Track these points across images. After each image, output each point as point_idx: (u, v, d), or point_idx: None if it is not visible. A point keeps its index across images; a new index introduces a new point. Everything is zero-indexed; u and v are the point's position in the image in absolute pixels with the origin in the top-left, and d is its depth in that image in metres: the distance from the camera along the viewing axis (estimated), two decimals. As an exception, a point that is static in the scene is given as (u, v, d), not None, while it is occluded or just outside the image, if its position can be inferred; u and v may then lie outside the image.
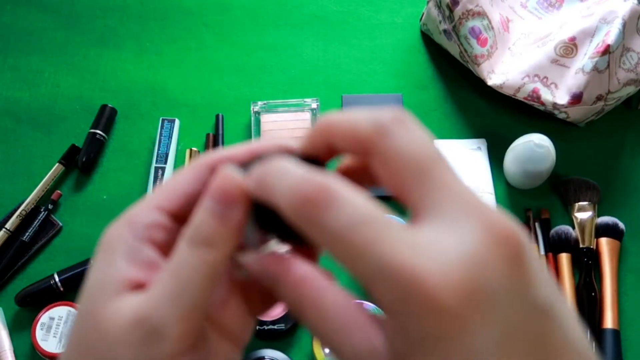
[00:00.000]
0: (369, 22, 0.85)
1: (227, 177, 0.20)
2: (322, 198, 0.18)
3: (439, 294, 0.16)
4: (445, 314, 0.16)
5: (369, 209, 0.18)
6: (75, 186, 0.73)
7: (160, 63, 0.81)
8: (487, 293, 0.17)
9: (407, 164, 0.19)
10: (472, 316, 0.16)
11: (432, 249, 0.17)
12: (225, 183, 0.21)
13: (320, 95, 0.77)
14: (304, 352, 0.63)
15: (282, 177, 0.19)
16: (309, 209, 0.18)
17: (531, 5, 0.76)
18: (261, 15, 0.85)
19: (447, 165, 0.19)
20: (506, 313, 0.17)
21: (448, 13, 0.74)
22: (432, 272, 0.16)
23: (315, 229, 0.18)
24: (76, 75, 0.80)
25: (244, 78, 0.80)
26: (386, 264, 0.17)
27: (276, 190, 0.19)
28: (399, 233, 0.17)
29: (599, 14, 0.67)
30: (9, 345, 0.63)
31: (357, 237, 0.17)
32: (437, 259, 0.17)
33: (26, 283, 0.66)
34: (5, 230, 0.68)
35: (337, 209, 0.18)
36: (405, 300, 0.17)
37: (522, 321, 0.17)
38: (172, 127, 0.74)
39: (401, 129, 0.19)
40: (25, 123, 0.77)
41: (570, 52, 0.68)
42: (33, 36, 0.83)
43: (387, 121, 0.19)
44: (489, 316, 0.16)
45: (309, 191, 0.18)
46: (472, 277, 0.17)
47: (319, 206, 0.18)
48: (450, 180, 0.19)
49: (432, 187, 0.18)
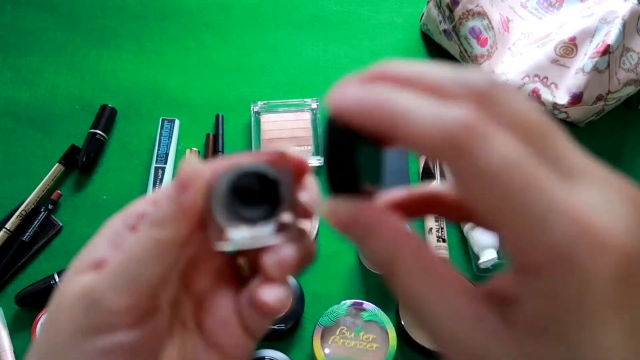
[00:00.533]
0: (369, 22, 0.85)
1: (186, 165, 0.22)
2: (472, 135, 0.16)
3: (617, 241, 0.16)
4: (619, 266, 0.16)
5: (521, 150, 0.17)
6: (75, 186, 0.73)
7: (160, 63, 0.81)
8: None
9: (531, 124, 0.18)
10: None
11: (597, 204, 0.16)
12: (184, 170, 0.22)
13: (320, 95, 0.77)
14: (304, 352, 0.63)
15: (418, 109, 0.17)
16: (457, 145, 0.17)
17: (531, 5, 0.76)
18: (261, 15, 0.85)
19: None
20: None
21: (448, 13, 0.74)
22: (606, 221, 0.16)
23: (464, 167, 0.17)
24: (76, 75, 0.80)
25: (244, 78, 0.80)
26: (556, 206, 0.16)
27: (409, 123, 0.17)
28: (558, 181, 0.17)
29: (599, 14, 0.67)
30: (9, 345, 0.63)
31: (517, 177, 0.16)
32: (608, 214, 0.16)
33: (26, 283, 0.66)
34: (5, 230, 0.68)
35: (491, 147, 0.16)
36: (576, 242, 0.16)
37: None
38: (172, 127, 0.74)
39: (509, 96, 0.18)
40: (25, 123, 0.77)
41: (570, 52, 0.68)
42: (33, 36, 0.83)
43: (489, 87, 0.18)
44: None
45: (456, 127, 0.17)
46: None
47: (469, 144, 0.16)
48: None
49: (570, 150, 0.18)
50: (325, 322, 0.60)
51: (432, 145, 0.17)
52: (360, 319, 0.61)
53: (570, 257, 0.16)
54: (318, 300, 0.65)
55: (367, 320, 0.61)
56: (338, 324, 0.60)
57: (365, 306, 0.61)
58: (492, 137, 0.17)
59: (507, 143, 0.17)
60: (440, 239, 0.67)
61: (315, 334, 0.60)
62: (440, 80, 0.18)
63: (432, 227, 0.67)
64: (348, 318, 0.61)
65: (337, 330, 0.60)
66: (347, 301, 0.61)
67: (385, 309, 0.62)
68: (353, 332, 0.60)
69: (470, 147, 0.17)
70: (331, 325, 0.60)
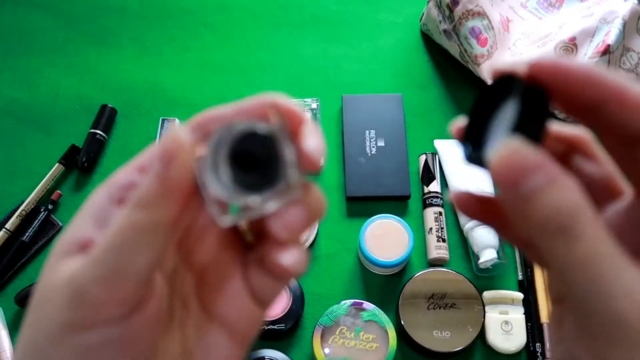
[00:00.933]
0: (369, 22, 0.85)
1: (169, 133, 0.20)
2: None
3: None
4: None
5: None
6: (75, 186, 0.73)
7: (160, 63, 0.81)
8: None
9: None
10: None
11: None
12: (167, 140, 0.19)
13: (320, 95, 0.77)
14: (304, 352, 0.63)
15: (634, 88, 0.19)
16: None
17: (531, 5, 0.76)
18: (261, 15, 0.85)
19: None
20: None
21: (448, 13, 0.74)
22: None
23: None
24: (76, 75, 0.80)
25: (244, 78, 0.80)
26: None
27: (627, 94, 0.19)
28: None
29: (599, 14, 0.67)
30: (9, 345, 0.63)
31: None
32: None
33: (26, 283, 0.66)
34: (5, 230, 0.68)
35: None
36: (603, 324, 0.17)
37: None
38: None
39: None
40: (25, 123, 0.77)
41: (570, 52, 0.68)
42: (33, 36, 0.83)
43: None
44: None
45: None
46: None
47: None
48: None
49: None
50: (325, 322, 0.60)
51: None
52: (360, 319, 0.61)
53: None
54: (318, 300, 0.65)
55: (367, 320, 0.61)
56: (338, 324, 0.60)
57: (365, 306, 0.61)
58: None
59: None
60: (440, 239, 0.67)
61: (315, 334, 0.60)
62: None
63: (432, 227, 0.67)
64: (348, 318, 0.61)
65: (337, 330, 0.60)
66: (347, 301, 0.61)
67: (385, 309, 0.62)
68: (353, 332, 0.60)
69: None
70: (331, 325, 0.60)
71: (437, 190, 0.70)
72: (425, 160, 0.72)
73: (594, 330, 0.18)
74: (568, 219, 0.17)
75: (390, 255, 0.63)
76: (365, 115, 0.74)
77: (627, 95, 0.19)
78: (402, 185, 0.70)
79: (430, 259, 0.67)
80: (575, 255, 0.17)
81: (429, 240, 0.67)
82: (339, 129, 0.76)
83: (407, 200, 0.71)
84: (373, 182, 0.70)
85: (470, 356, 0.63)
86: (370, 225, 0.65)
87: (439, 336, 0.60)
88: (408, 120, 0.76)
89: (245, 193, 0.20)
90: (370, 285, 0.67)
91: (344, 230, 0.69)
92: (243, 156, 0.21)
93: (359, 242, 0.65)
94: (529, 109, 0.19)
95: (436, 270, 0.64)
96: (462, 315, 0.61)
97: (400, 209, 0.70)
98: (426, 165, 0.71)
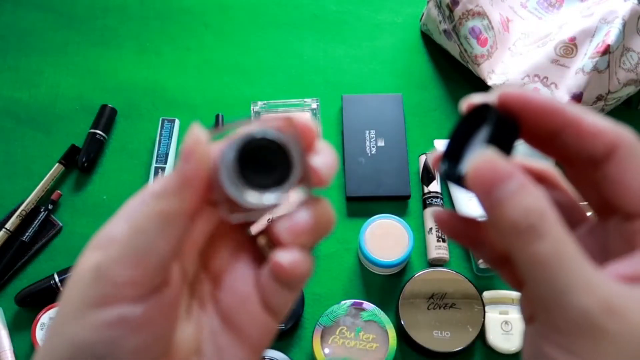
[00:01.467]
0: (369, 22, 0.85)
1: (189, 135, 0.22)
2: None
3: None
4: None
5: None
6: (75, 186, 0.73)
7: (160, 63, 0.81)
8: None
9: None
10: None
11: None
12: (187, 140, 0.22)
13: (320, 95, 0.77)
14: (304, 352, 0.63)
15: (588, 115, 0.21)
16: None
17: (531, 5, 0.76)
18: (261, 15, 0.85)
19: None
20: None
21: (448, 13, 0.74)
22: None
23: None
24: (76, 75, 0.80)
25: (244, 78, 0.80)
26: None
27: (584, 121, 0.21)
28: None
29: (599, 14, 0.67)
30: (9, 345, 0.63)
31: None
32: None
33: (26, 283, 0.66)
34: (5, 230, 0.68)
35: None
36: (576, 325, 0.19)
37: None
38: (172, 127, 0.74)
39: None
40: (25, 123, 0.77)
41: (570, 52, 0.68)
42: (33, 36, 0.83)
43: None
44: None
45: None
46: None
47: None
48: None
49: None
50: (325, 322, 0.60)
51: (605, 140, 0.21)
52: (360, 319, 0.61)
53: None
54: (318, 300, 0.65)
55: (367, 320, 0.61)
56: (338, 324, 0.60)
57: (365, 306, 0.61)
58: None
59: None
60: (440, 239, 0.67)
61: (315, 334, 0.60)
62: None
63: (432, 227, 0.67)
64: (348, 318, 0.61)
65: (337, 330, 0.60)
66: (347, 301, 0.61)
67: (385, 309, 0.62)
68: (353, 332, 0.60)
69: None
70: (331, 325, 0.60)
71: (437, 190, 0.70)
72: (425, 160, 0.72)
73: (560, 324, 0.19)
74: (536, 218, 0.19)
75: (390, 255, 0.63)
76: (365, 115, 0.74)
77: (582, 123, 0.21)
78: (402, 185, 0.70)
79: (430, 259, 0.67)
80: (542, 252, 0.19)
81: (429, 240, 0.67)
82: (339, 129, 0.76)
83: (407, 200, 0.71)
84: (373, 182, 0.70)
85: (470, 356, 0.63)
86: (370, 225, 0.65)
87: (439, 336, 0.60)
88: (408, 120, 0.76)
89: (254, 192, 0.22)
90: (370, 285, 0.67)
91: (344, 230, 0.69)
92: (256, 159, 0.22)
93: (359, 242, 0.65)
94: (501, 132, 0.22)
95: (436, 270, 0.64)
96: (462, 315, 0.61)
97: (400, 209, 0.70)
98: (426, 165, 0.71)
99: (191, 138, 0.22)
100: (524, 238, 0.19)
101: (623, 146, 0.21)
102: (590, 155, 0.21)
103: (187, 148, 0.22)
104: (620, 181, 0.21)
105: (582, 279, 0.19)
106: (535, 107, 0.22)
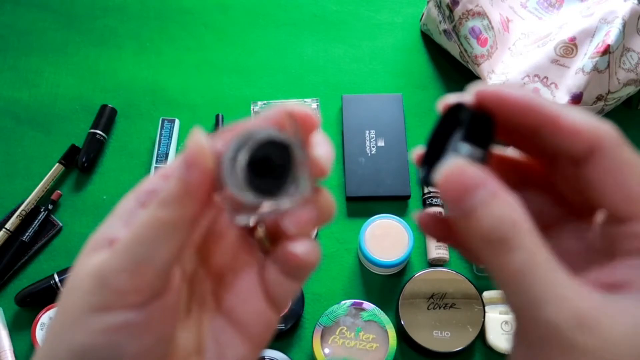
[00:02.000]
0: (369, 22, 0.85)
1: (192, 141, 0.21)
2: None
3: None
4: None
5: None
6: (75, 186, 0.73)
7: (160, 63, 0.81)
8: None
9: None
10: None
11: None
12: (190, 147, 0.21)
13: (320, 95, 0.77)
14: (304, 352, 0.63)
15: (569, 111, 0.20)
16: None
17: (531, 5, 0.76)
18: (261, 15, 0.85)
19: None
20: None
21: (448, 13, 0.74)
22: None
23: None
24: (76, 75, 0.80)
25: (244, 78, 0.80)
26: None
27: (562, 118, 0.20)
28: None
29: (599, 14, 0.67)
30: (9, 346, 0.63)
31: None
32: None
33: (26, 283, 0.66)
34: (5, 230, 0.68)
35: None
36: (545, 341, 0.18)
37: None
38: (172, 127, 0.74)
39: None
40: (25, 123, 0.77)
41: (570, 52, 0.68)
42: (33, 36, 0.83)
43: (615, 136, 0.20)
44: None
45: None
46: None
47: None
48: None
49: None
50: (325, 322, 0.60)
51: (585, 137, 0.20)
52: (360, 319, 0.61)
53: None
54: (318, 300, 0.65)
55: (367, 320, 0.61)
56: (338, 324, 0.60)
57: (365, 306, 0.61)
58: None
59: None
60: (440, 239, 0.66)
61: (315, 334, 0.60)
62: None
63: (432, 227, 0.67)
64: (348, 318, 0.61)
65: (337, 330, 0.60)
66: (347, 301, 0.61)
67: (385, 309, 0.62)
68: (353, 332, 0.60)
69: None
70: (331, 325, 0.60)
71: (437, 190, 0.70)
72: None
73: (530, 337, 0.19)
74: (508, 230, 0.18)
75: (390, 255, 0.63)
76: (365, 115, 0.74)
77: (560, 120, 0.20)
78: (402, 185, 0.70)
79: (430, 259, 0.67)
80: (514, 264, 0.18)
81: (429, 241, 0.67)
82: (339, 129, 0.76)
83: (407, 200, 0.71)
84: (373, 182, 0.70)
85: (470, 356, 0.63)
86: (370, 225, 0.65)
87: (439, 336, 0.60)
88: (408, 120, 0.76)
89: (260, 195, 0.22)
90: (370, 285, 0.67)
91: (344, 230, 0.69)
92: (260, 161, 0.22)
93: (359, 242, 0.65)
94: (476, 131, 0.21)
95: (436, 270, 0.64)
96: (462, 315, 0.61)
97: (400, 209, 0.70)
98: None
99: (193, 143, 0.21)
100: (495, 249, 0.19)
101: (604, 146, 0.20)
102: (570, 154, 0.20)
103: (189, 155, 0.21)
104: (601, 183, 0.20)
105: (554, 292, 0.18)
106: (511, 103, 0.21)
